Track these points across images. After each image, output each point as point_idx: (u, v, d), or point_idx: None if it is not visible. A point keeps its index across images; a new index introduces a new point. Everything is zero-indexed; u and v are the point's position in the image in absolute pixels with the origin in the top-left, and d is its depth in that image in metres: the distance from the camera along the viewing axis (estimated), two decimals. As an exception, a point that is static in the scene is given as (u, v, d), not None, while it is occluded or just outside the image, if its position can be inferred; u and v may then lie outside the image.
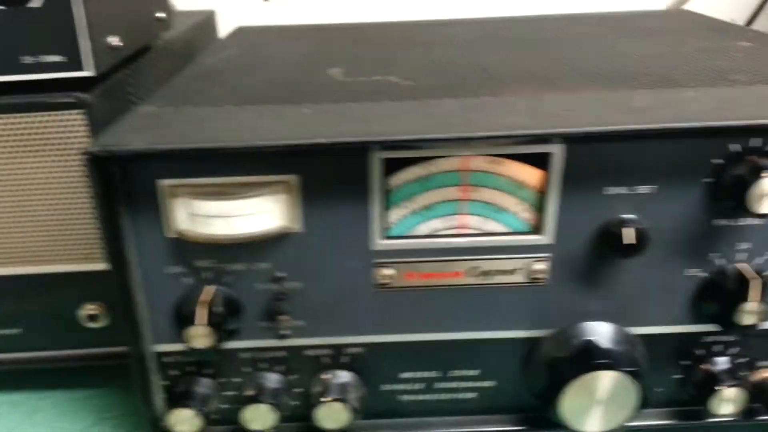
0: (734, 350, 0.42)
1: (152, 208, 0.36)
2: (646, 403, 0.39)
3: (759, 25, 0.90)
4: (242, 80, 0.44)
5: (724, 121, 0.34)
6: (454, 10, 0.88)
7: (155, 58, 0.51)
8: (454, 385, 0.43)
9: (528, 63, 0.47)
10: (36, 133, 0.40)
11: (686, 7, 0.85)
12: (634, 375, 0.38)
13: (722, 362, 0.42)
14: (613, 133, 0.34)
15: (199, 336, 0.36)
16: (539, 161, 0.36)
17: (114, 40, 0.40)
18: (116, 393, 0.52)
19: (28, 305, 0.47)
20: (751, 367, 0.43)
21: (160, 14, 0.50)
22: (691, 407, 0.43)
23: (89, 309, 0.47)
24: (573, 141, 0.35)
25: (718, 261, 0.39)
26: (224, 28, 0.77)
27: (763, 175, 0.34)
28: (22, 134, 0.40)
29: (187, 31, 0.62)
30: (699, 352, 0.42)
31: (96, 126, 0.40)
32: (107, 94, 0.41)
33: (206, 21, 0.70)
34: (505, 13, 0.73)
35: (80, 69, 0.38)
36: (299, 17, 0.89)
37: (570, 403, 0.38)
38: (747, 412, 0.44)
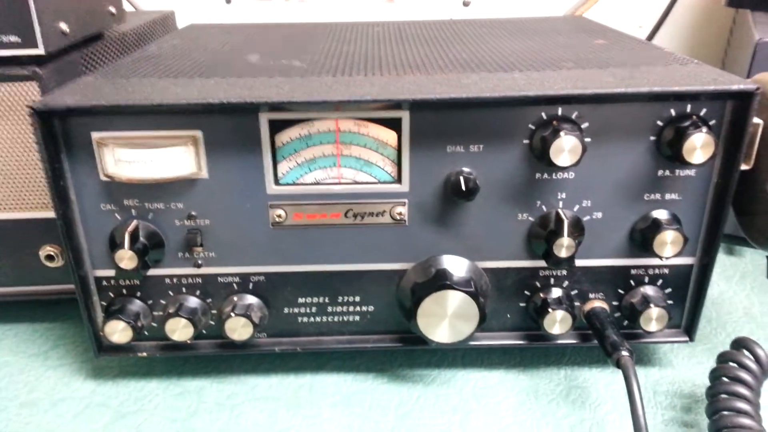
0: (566, 283, 0.52)
1: (88, 156, 0.45)
2: (484, 320, 0.48)
3: (664, 31, 1.00)
4: (172, 62, 0.54)
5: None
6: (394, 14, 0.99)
7: (108, 45, 0.61)
8: (340, 309, 0.52)
9: (414, 54, 0.57)
10: (2, 101, 0.50)
11: (591, 13, 0.96)
12: (472, 296, 0.48)
13: (555, 292, 0.52)
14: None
15: (125, 259, 0.46)
16: (394, 125, 0.46)
17: (64, 26, 0.49)
18: (70, 325, 0.61)
19: (-4, 247, 0.56)
20: (584, 298, 0.53)
21: (112, 9, 0.60)
22: (535, 331, 0.53)
23: (47, 250, 0.56)
24: (414, 108, 0.45)
25: (542, 207, 0.49)
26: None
27: (560, 134, 0.44)
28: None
29: (143, 26, 0.72)
30: (537, 283, 0.52)
31: (50, 95, 0.49)
32: (59, 70, 0.50)
33: (164, 18, 0.80)
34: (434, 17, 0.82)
35: (35, 47, 0.47)
36: (258, 18, 0.99)
37: (424, 317, 0.48)
38: (582, 338, 0.55)
